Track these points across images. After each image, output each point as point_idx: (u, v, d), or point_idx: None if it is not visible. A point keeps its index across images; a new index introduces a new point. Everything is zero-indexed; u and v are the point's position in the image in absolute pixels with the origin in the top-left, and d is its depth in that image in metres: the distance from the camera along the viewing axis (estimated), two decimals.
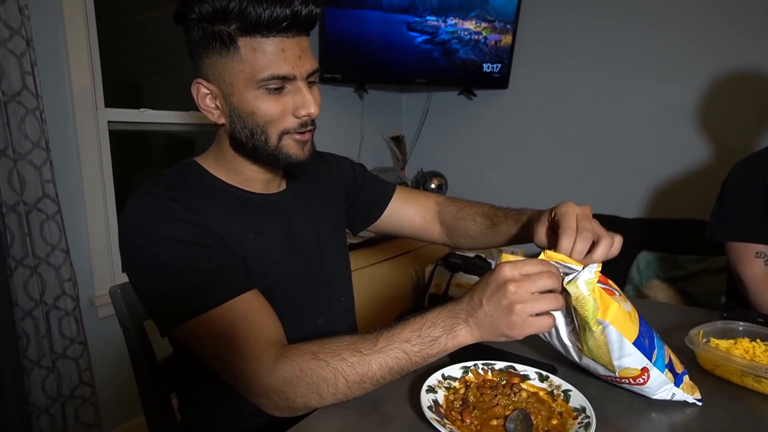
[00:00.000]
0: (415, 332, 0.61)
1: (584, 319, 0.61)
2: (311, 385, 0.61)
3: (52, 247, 1.40)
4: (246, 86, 0.68)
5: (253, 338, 0.63)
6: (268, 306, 0.69)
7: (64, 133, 1.51)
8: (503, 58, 2.49)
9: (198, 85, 0.72)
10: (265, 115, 0.69)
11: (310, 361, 0.61)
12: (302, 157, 0.74)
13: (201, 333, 0.65)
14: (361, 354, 0.61)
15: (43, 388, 1.41)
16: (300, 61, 0.68)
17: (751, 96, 2.02)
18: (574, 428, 0.57)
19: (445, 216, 1.01)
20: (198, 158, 0.80)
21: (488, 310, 0.58)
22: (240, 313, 0.65)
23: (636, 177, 2.33)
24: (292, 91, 0.69)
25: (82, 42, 1.52)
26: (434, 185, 2.72)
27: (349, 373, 0.61)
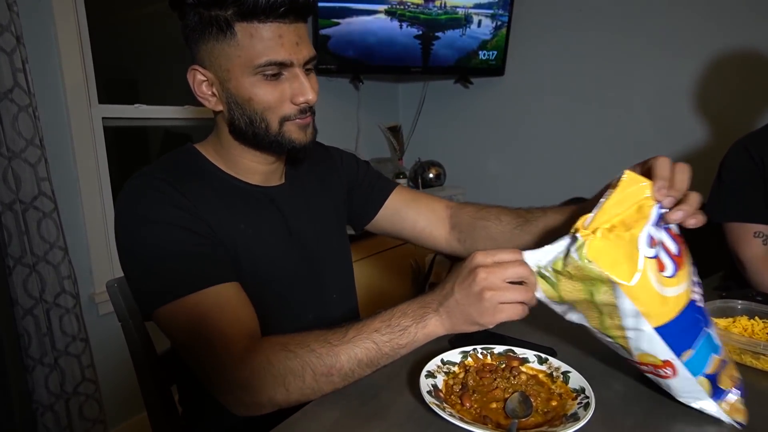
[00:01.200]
0: (384, 322, 0.60)
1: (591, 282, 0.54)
2: (278, 378, 0.60)
3: (50, 244, 1.40)
4: (243, 72, 0.67)
5: (226, 330, 0.63)
6: (247, 300, 0.68)
7: (58, 130, 1.51)
8: (499, 45, 2.47)
9: (194, 71, 0.71)
10: (262, 101, 0.69)
11: (278, 352, 0.60)
12: (305, 141, 0.74)
13: (177, 319, 0.64)
14: (330, 345, 0.60)
15: (47, 385, 1.41)
16: (297, 47, 0.68)
17: (750, 77, 2.01)
18: (573, 409, 0.57)
19: (460, 219, 0.93)
20: (198, 145, 0.79)
21: (459, 297, 0.57)
22: (217, 304, 0.64)
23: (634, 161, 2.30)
24: (289, 77, 0.69)
25: (74, 38, 1.51)
26: (432, 174, 2.72)
27: (317, 364, 0.59)
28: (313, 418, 0.61)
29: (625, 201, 0.56)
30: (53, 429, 1.44)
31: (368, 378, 0.69)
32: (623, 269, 0.52)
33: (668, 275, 0.54)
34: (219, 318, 0.63)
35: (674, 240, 0.58)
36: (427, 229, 0.95)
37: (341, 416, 0.61)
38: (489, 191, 2.75)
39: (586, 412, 0.55)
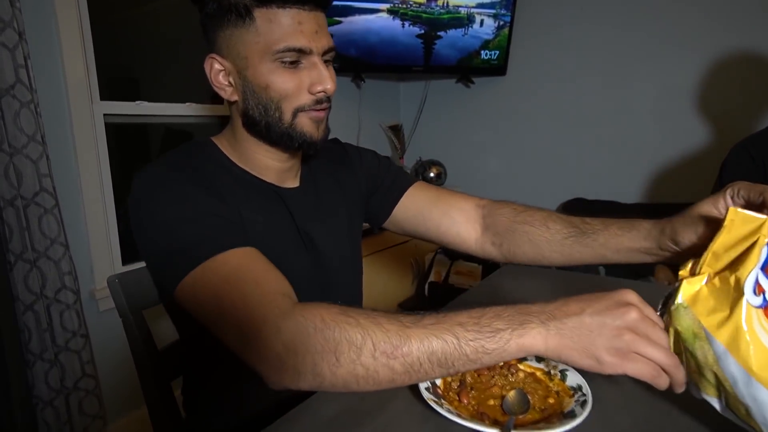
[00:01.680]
0: (473, 318, 0.50)
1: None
2: (329, 342, 0.50)
3: (51, 240, 1.40)
4: (261, 59, 0.66)
5: (264, 283, 0.57)
6: (274, 266, 0.63)
7: (59, 126, 1.51)
8: (501, 45, 2.47)
9: (211, 60, 0.70)
10: (279, 89, 0.67)
11: (336, 314, 0.51)
12: (316, 137, 0.72)
13: (204, 284, 0.59)
14: (401, 324, 0.50)
15: (47, 381, 1.42)
16: (317, 35, 0.67)
17: (754, 78, 2.01)
18: (570, 406, 0.58)
19: (495, 219, 0.84)
20: (215, 138, 0.79)
21: (590, 321, 0.48)
22: (247, 263, 0.60)
23: (635, 162, 2.32)
24: (307, 66, 0.68)
25: (76, 34, 1.51)
26: (433, 174, 2.72)
27: (381, 339, 0.49)
28: (312, 413, 0.61)
29: (734, 243, 0.49)
30: (53, 424, 1.45)
31: None
32: (720, 318, 0.45)
33: None
34: (256, 272, 0.59)
35: None
36: (453, 229, 0.86)
37: (340, 412, 0.61)
38: (490, 191, 2.75)
39: (583, 409, 0.56)
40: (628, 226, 0.72)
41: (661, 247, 0.67)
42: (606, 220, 0.75)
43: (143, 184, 0.67)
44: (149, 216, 0.65)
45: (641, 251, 0.70)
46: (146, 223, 0.65)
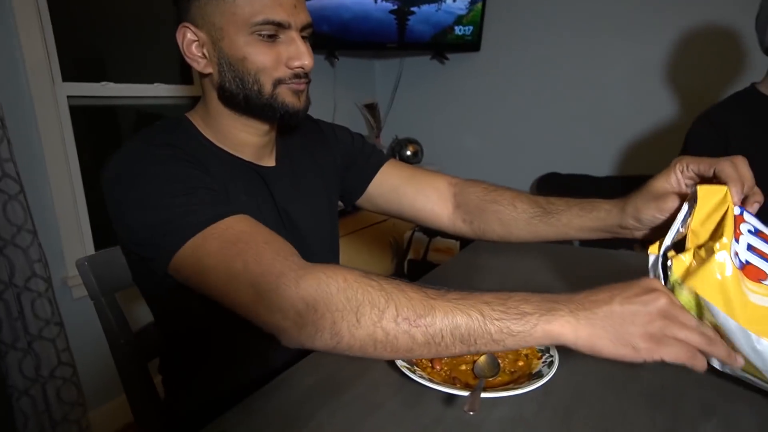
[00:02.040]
0: (499, 299, 0.49)
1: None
2: (352, 302, 0.48)
3: (18, 227, 1.36)
4: (238, 31, 0.65)
5: (273, 243, 0.55)
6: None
7: (20, 109, 1.45)
8: (475, 20, 2.46)
9: (184, 29, 0.67)
10: (256, 61, 0.66)
11: (359, 276, 0.50)
12: (298, 106, 0.70)
13: (210, 247, 0.56)
14: (425, 294, 0.49)
15: (21, 370, 1.39)
16: (295, 10, 0.66)
17: (721, 51, 2.05)
18: (538, 367, 0.60)
19: (466, 198, 0.86)
20: (189, 114, 0.76)
21: (621, 310, 0.46)
22: (252, 226, 0.58)
23: (608, 136, 2.36)
24: (285, 41, 0.67)
25: (32, 12, 1.44)
26: (410, 152, 2.72)
27: (405, 306, 0.48)
28: (290, 384, 0.62)
29: (707, 216, 0.54)
30: (30, 413, 1.43)
31: None
32: (712, 286, 0.49)
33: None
34: (262, 236, 0.56)
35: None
36: (428, 206, 0.88)
37: (317, 382, 0.62)
38: (466, 167, 2.77)
39: (549, 369, 0.58)
40: (589, 206, 0.74)
41: (621, 226, 0.70)
42: (569, 201, 0.77)
43: (123, 160, 0.64)
44: (134, 191, 0.61)
45: (602, 230, 0.74)
46: (131, 199, 0.61)
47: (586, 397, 0.57)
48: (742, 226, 0.54)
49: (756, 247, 0.53)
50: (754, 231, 0.54)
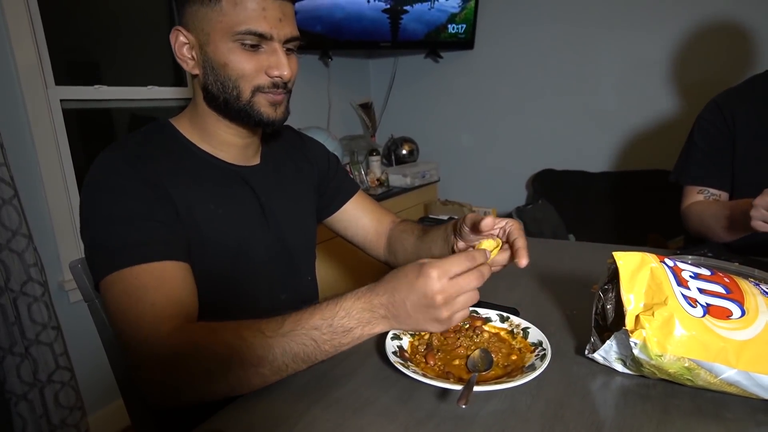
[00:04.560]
0: (326, 320, 0.56)
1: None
2: (201, 363, 0.57)
3: (13, 232, 1.36)
4: (222, 38, 0.68)
5: (158, 305, 0.61)
6: (191, 283, 0.67)
7: (13, 113, 1.45)
8: (468, 18, 2.46)
9: (177, 32, 0.71)
10: (237, 68, 0.69)
11: (206, 336, 0.58)
12: (273, 117, 0.73)
13: (113, 290, 0.62)
14: (263, 335, 0.56)
15: (18, 374, 1.39)
16: (280, 23, 0.68)
17: (718, 47, 2.05)
18: (531, 360, 0.60)
19: (392, 232, 1.00)
20: (174, 119, 0.79)
21: (413, 314, 0.55)
22: (157, 279, 0.62)
23: (603, 132, 2.37)
24: (267, 51, 0.70)
25: (23, 16, 1.44)
26: (405, 151, 2.72)
27: (246, 354, 0.55)
28: (283, 382, 0.62)
29: (631, 279, 0.56)
30: (29, 417, 1.43)
31: None
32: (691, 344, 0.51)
33: (738, 316, 0.52)
34: (155, 293, 0.61)
35: (715, 281, 0.56)
36: (373, 238, 1.00)
37: (311, 379, 0.62)
38: (461, 165, 2.77)
39: (542, 362, 0.58)
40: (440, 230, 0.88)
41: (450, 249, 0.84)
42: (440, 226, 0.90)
43: (94, 170, 0.68)
44: (90, 205, 0.66)
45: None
46: (85, 212, 0.67)
47: (579, 390, 0.57)
48: (683, 274, 0.56)
49: (706, 289, 0.55)
50: (694, 275, 0.56)
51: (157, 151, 0.72)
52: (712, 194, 1.16)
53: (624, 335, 0.54)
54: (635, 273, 0.56)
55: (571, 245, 1.29)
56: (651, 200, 2.16)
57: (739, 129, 1.14)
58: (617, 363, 0.59)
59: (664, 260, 0.57)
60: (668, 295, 0.53)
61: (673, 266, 0.57)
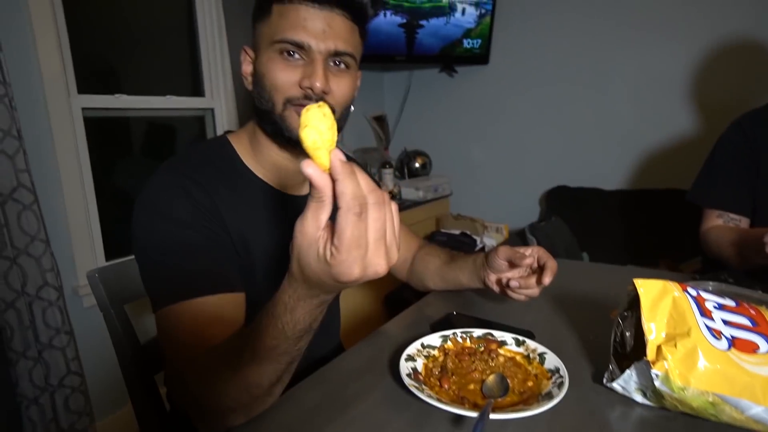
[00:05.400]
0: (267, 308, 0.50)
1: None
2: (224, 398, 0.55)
3: (31, 237, 1.38)
4: (265, 49, 0.69)
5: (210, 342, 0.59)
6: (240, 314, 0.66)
7: (36, 120, 1.48)
8: (483, 34, 2.47)
9: (244, 51, 0.75)
10: (271, 77, 0.68)
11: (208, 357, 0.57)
12: None
13: (170, 321, 0.63)
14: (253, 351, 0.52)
15: (31, 378, 1.41)
16: (322, 35, 0.66)
17: (734, 63, 2.04)
18: (548, 388, 0.59)
19: (417, 254, 1.02)
20: (234, 135, 0.79)
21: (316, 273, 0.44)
22: (211, 314, 0.62)
23: (618, 149, 2.35)
24: (306, 62, 0.68)
25: (50, 27, 1.47)
26: (418, 164, 2.72)
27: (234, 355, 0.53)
28: (296, 400, 0.62)
29: (653, 307, 0.55)
30: (39, 422, 1.43)
31: (350, 363, 0.71)
32: (715, 377, 0.49)
33: (766, 351, 0.51)
34: (209, 329, 0.61)
35: (740, 313, 0.55)
36: (399, 263, 1.02)
37: (323, 399, 0.62)
38: (474, 180, 2.77)
39: (560, 390, 0.57)
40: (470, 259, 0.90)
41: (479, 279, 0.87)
42: (467, 256, 0.93)
43: (152, 191, 0.68)
44: (147, 229, 0.66)
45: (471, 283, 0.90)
46: (142, 239, 0.67)
47: (597, 420, 0.56)
48: (707, 305, 0.55)
49: (731, 321, 0.54)
50: (719, 306, 0.55)
51: (215, 179, 0.71)
52: (732, 219, 1.15)
53: (645, 366, 0.53)
54: (657, 301, 0.55)
55: (586, 266, 1.27)
56: (666, 220, 2.13)
57: (763, 151, 1.12)
58: (637, 393, 0.57)
59: (687, 289, 0.56)
60: (691, 326, 0.52)
61: (696, 296, 0.55)
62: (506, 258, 0.80)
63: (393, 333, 0.82)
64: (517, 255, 0.78)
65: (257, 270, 0.73)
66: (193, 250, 0.65)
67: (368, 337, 0.80)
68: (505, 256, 0.80)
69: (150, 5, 1.92)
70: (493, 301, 0.94)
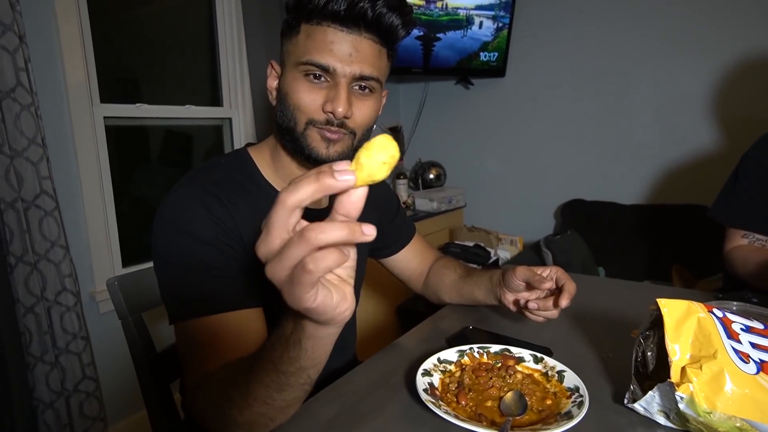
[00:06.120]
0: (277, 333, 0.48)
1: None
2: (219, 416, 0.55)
3: (52, 243, 1.41)
4: (291, 68, 0.69)
5: (223, 359, 0.60)
6: (260, 329, 0.66)
7: (60, 129, 1.51)
8: (500, 47, 2.48)
9: (271, 66, 0.75)
10: (295, 98, 0.68)
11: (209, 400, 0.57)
12: (323, 155, 0.70)
13: (186, 335, 0.65)
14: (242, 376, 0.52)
15: (47, 383, 1.42)
16: (348, 59, 0.66)
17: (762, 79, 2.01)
18: (567, 407, 0.58)
19: (432, 267, 1.03)
20: (254, 149, 0.80)
21: None
22: (227, 331, 0.63)
23: (634, 163, 2.32)
24: (331, 86, 0.68)
25: (76, 37, 1.52)
26: (432, 175, 2.72)
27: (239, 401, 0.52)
28: (311, 415, 0.61)
29: (677, 328, 0.54)
30: (54, 426, 1.45)
31: (365, 377, 0.70)
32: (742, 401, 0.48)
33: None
34: (223, 345, 0.62)
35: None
36: (415, 276, 1.05)
37: (339, 413, 0.61)
38: (489, 192, 2.75)
39: (579, 410, 0.56)
40: (485, 276, 0.91)
41: (495, 297, 0.88)
42: (483, 272, 0.93)
43: (172, 207, 0.67)
44: (166, 244, 0.67)
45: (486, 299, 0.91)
46: (162, 252, 0.67)
47: None
48: (733, 327, 0.54)
49: (760, 344, 0.52)
50: (746, 328, 0.54)
51: (235, 193, 0.71)
52: (757, 239, 1.12)
53: (669, 387, 0.52)
54: (681, 322, 0.54)
55: (603, 282, 1.26)
56: (684, 235, 2.10)
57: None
58: (659, 415, 0.56)
59: (713, 310, 0.55)
60: (718, 348, 0.51)
61: (722, 317, 0.54)
62: (524, 279, 0.79)
63: (408, 347, 0.82)
64: (536, 278, 0.77)
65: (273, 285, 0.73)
66: (211, 267, 0.65)
67: (383, 351, 0.80)
68: (523, 278, 0.79)
69: (172, 17, 1.96)
70: (510, 317, 0.93)
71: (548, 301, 0.78)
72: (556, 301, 0.76)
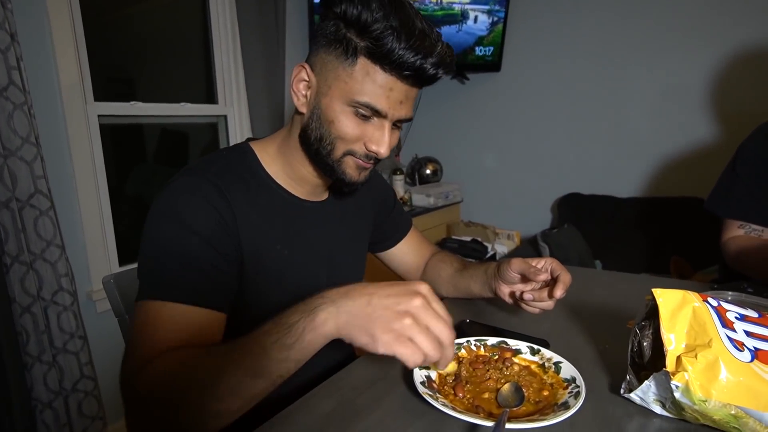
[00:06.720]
0: (275, 320, 0.52)
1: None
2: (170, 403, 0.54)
3: (47, 242, 1.40)
4: (340, 97, 0.68)
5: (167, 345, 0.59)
6: (216, 335, 0.65)
7: (54, 127, 1.51)
8: (495, 41, 2.47)
9: (301, 69, 0.72)
10: (340, 130, 0.69)
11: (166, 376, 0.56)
12: (356, 180, 0.74)
13: (143, 313, 0.63)
14: (214, 362, 0.54)
15: (45, 382, 1.42)
16: (400, 105, 0.69)
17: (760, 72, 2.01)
18: (564, 398, 0.58)
19: (429, 261, 1.04)
20: (258, 143, 0.80)
21: (376, 303, 0.50)
22: (181, 322, 0.62)
23: (631, 157, 2.33)
24: (376, 124, 0.70)
25: (68, 35, 1.51)
26: (429, 171, 2.72)
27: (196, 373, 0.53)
28: (309, 409, 0.61)
29: (672, 318, 0.54)
30: (52, 426, 1.45)
31: (363, 371, 0.70)
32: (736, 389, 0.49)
33: None
34: (173, 334, 0.61)
35: (763, 324, 0.54)
36: (412, 269, 1.06)
37: (337, 407, 0.61)
38: (485, 186, 2.76)
39: (576, 401, 0.56)
40: (481, 269, 0.91)
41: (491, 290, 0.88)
42: (478, 264, 0.94)
43: (171, 193, 0.68)
44: (156, 226, 0.66)
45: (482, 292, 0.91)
46: (151, 230, 0.67)
47: (615, 431, 0.55)
48: (728, 315, 0.54)
49: (754, 332, 0.52)
50: (741, 317, 0.54)
51: (235, 185, 0.71)
52: (753, 230, 1.12)
53: (664, 376, 0.52)
54: (676, 312, 0.54)
55: (600, 274, 1.26)
56: (681, 228, 2.11)
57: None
58: (655, 405, 0.56)
59: (708, 299, 0.55)
60: (712, 336, 0.51)
61: (717, 306, 0.54)
62: (519, 271, 0.80)
63: None
64: (531, 270, 0.77)
65: (269, 279, 0.74)
66: (192, 260, 0.65)
67: None
68: (518, 270, 0.79)
69: (166, 13, 1.95)
70: (507, 310, 0.93)
71: (543, 292, 0.78)
72: (551, 292, 0.77)
